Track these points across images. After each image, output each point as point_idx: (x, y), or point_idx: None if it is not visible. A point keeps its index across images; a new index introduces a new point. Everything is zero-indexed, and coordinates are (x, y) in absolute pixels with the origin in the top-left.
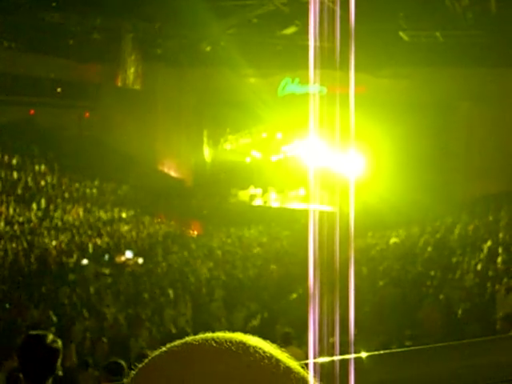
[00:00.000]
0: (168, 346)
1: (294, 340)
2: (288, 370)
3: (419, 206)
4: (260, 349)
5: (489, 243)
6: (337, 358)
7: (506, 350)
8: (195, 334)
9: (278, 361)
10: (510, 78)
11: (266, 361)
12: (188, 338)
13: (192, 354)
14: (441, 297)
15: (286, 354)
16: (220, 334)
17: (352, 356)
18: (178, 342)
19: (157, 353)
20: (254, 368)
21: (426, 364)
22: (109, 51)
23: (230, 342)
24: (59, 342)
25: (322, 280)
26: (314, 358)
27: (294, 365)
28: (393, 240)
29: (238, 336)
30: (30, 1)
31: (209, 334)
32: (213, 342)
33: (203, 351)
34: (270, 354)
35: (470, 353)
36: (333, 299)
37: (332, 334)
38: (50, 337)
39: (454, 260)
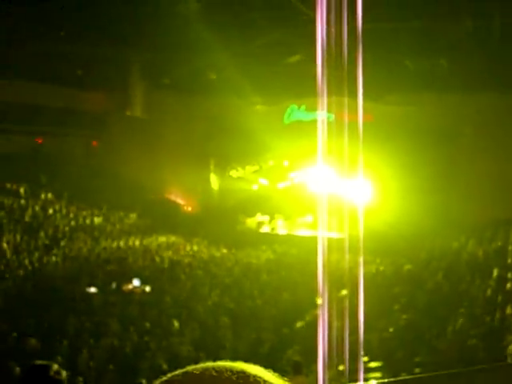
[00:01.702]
0: (169, 375)
1: (303, 368)
2: None
3: (427, 232)
4: (260, 378)
5: (498, 269)
6: None
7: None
8: (201, 361)
9: None
10: None
11: None
12: (189, 367)
13: (192, 383)
14: (451, 323)
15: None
16: (221, 363)
17: None
18: (178, 372)
19: (157, 382)
20: None
21: None
22: (116, 80)
23: (231, 371)
24: (63, 374)
25: (330, 307)
26: None
27: None
28: (406, 267)
29: (239, 365)
30: (38, 30)
31: (209, 363)
32: (213, 371)
33: (203, 380)
34: (271, 383)
35: (480, 379)
36: (342, 326)
37: (341, 362)
38: (55, 367)
39: (463, 286)
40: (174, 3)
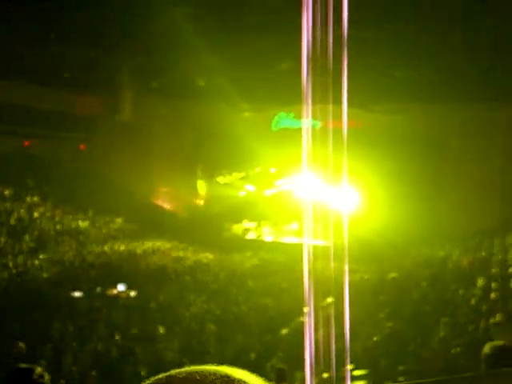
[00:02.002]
0: (152, 378)
1: (287, 376)
2: None
3: (412, 240)
4: (245, 382)
5: (482, 278)
6: None
7: None
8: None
9: None
10: (502, 112)
11: None
12: (172, 371)
13: None
14: (435, 332)
15: None
16: (205, 367)
17: None
18: (162, 375)
19: None
20: None
21: None
22: (106, 84)
23: (215, 374)
24: (46, 377)
25: (316, 314)
26: None
27: None
28: (391, 275)
29: (224, 369)
30: (28, 33)
31: (194, 367)
32: (197, 375)
33: None
34: None
35: None
36: (328, 334)
37: (327, 370)
38: (38, 371)
39: (448, 295)
40: (164, 8)
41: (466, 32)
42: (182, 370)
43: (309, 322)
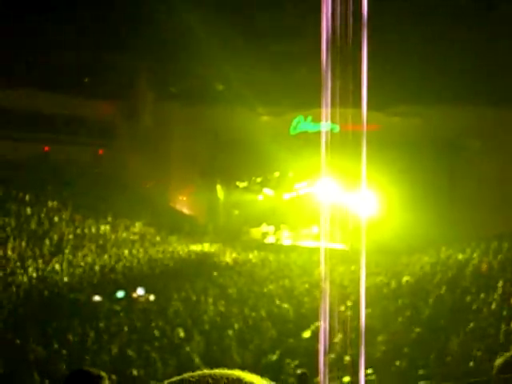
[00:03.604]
0: (166, 382)
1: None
2: None
3: (431, 243)
4: None
5: (502, 282)
6: None
7: None
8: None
9: None
10: None
11: None
12: (185, 374)
13: None
14: (454, 336)
15: None
16: (217, 371)
17: None
18: (175, 379)
19: None
20: None
21: None
22: (124, 90)
23: (227, 378)
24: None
25: (333, 318)
26: None
27: None
28: (405, 278)
29: (236, 373)
30: (48, 39)
31: (206, 371)
32: (209, 378)
33: None
34: None
35: None
36: (345, 339)
37: (345, 374)
38: (103, 374)
39: (468, 299)
40: (182, 14)
41: (485, 35)
42: (195, 373)
43: (325, 326)
